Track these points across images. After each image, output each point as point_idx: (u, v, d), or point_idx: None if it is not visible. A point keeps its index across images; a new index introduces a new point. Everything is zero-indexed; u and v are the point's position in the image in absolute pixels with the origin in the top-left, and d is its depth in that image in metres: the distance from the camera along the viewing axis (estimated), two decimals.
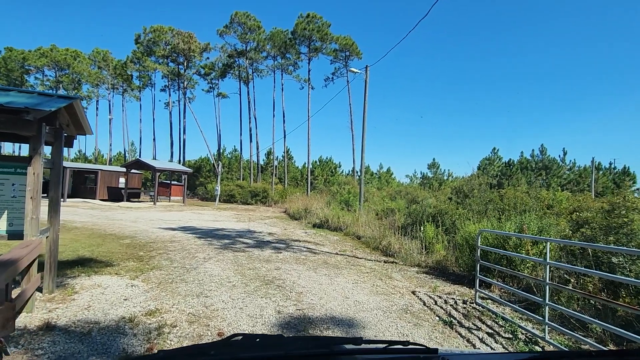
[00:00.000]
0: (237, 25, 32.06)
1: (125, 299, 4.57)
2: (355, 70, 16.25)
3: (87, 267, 6.07)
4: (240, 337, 1.08)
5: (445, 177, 41.33)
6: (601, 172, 37.86)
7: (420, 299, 5.23)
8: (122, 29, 76.67)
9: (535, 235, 5.88)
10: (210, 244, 9.15)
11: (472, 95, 74.14)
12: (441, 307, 4.86)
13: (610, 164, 39.46)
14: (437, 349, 1.11)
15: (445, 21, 75.86)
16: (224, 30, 32.24)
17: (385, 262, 8.18)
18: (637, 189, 37.46)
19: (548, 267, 3.80)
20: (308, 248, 9.49)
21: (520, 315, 4.59)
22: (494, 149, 40.75)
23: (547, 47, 73.35)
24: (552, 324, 3.73)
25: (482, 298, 5.23)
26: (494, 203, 11.53)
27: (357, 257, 8.58)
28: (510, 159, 40.46)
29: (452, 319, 4.40)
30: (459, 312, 4.70)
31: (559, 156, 39.14)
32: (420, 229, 9.48)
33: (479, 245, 5.13)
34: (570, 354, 1.27)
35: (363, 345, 1.09)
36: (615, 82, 67.97)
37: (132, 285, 5.18)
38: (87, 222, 12.30)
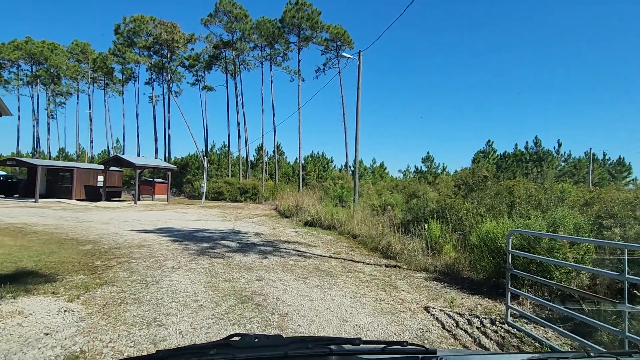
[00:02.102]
0: (222, 14, 30.47)
1: (47, 334, 3.39)
2: (348, 55, 15.13)
3: (20, 285, 4.85)
4: (239, 337, 1.08)
5: (439, 171, 40.54)
6: (595, 164, 37.39)
7: (437, 318, 4.14)
8: (104, 22, 74.05)
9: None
10: (186, 249, 7.96)
11: (466, 88, 73.47)
12: (466, 332, 3.78)
13: (604, 154, 39.11)
14: (435, 350, 1.12)
15: (440, 16, 74.85)
16: (208, 19, 30.62)
17: (386, 266, 7.10)
18: (633, 180, 37.22)
19: (626, 283, 2.73)
20: (298, 251, 8.36)
21: (570, 342, 3.53)
22: (489, 141, 40.03)
23: (543, 39, 72.95)
24: None
25: (513, 316, 4.17)
26: (501, 196, 10.54)
27: (354, 261, 7.48)
28: (505, 151, 39.80)
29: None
30: (491, 339, 3.61)
31: (554, 148, 38.57)
32: (423, 226, 8.41)
33: (510, 249, 4.05)
34: (567, 355, 1.22)
35: (362, 346, 1.09)
36: (610, 74, 67.88)
37: (65, 310, 3.99)
38: (50, 225, 10.98)
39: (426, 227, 8.05)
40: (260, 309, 4.25)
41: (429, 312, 4.35)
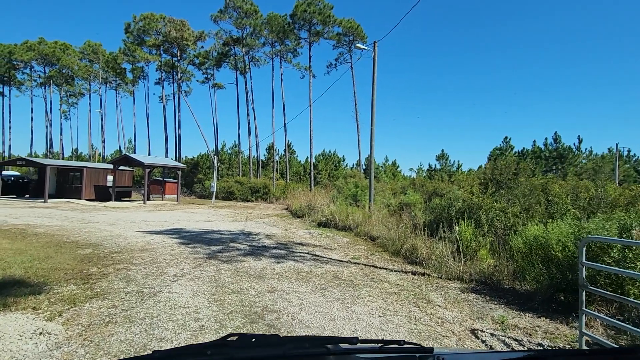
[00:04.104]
0: (232, 10, 29.95)
1: None
2: (363, 46, 14.29)
3: (0, 297, 4.25)
4: (236, 336, 1.05)
5: (454, 169, 39.29)
6: (620, 161, 35.60)
7: (491, 347, 3.35)
8: (115, 22, 74.73)
9: None
10: (192, 253, 7.32)
11: (480, 84, 71.53)
12: None
13: (629, 151, 37.31)
14: (432, 348, 1.09)
15: (454, 10, 73.07)
16: (218, 15, 30.15)
17: (413, 273, 6.31)
18: None
19: None
20: (313, 255, 7.64)
21: None
22: (506, 137, 38.50)
23: (545, 37, 70.49)
24: None
25: (587, 343, 3.34)
26: (535, 195, 9.63)
27: (376, 267, 6.72)
28: (523, 148, 38.24)
29: None
30: None
31: (574, 144, 36.90)
32: (453, 228, 7.57)
33: (584, 260, 3.22)
34: (565, 353, 1.22)
35: (359, 345, 1.08)
36: (632, 67, 65.12)
37: (41, 333, 3.35)
38: (53, 227, 10.51)
39: (456, 229, 7.20)
40: (272, 332, 3.53)
41: (478, 338, 3.56)
